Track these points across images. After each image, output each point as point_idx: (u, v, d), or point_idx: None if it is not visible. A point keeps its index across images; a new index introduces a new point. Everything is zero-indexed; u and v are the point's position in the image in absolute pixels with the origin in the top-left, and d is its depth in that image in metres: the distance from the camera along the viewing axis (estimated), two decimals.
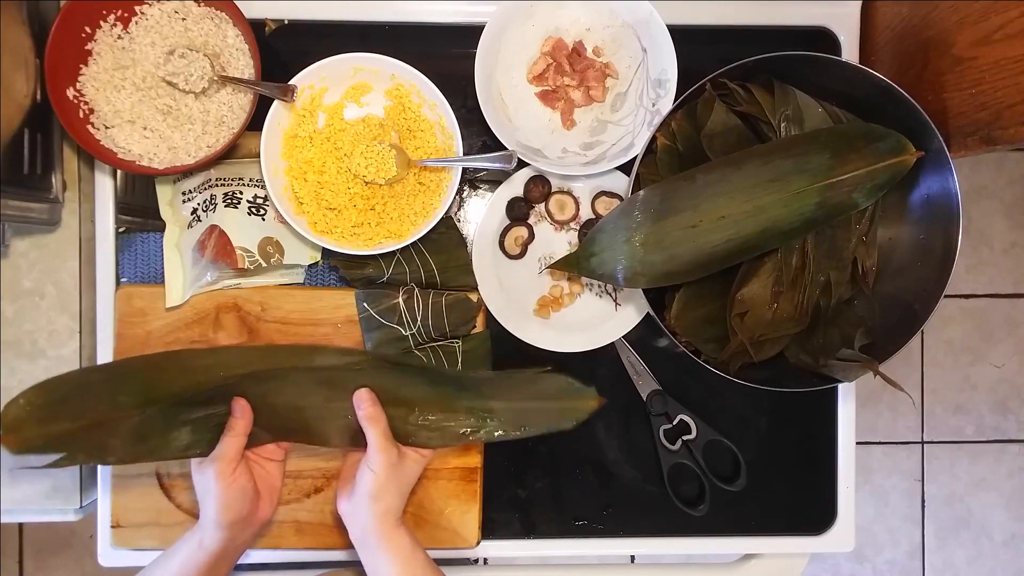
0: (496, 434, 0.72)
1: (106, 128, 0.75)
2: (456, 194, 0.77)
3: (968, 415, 1.78)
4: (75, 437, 0.66)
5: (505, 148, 0.76)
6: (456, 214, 0.84)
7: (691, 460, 0.83)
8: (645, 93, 0.80)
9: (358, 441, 0.71)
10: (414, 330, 0.78)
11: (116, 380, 0.69)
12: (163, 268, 0.80)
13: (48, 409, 0.66)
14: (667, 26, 0.76)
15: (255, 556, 0.81)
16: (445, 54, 0.82)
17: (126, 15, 0.75)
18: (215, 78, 0.75)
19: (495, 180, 0.83)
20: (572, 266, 0.75)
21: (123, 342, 0.79)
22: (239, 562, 0.81)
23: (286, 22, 0.81)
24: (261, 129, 0.75)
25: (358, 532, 0.69)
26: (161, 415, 0.68)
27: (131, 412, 0.67)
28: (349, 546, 0.79)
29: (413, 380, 0.73)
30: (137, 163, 0.75)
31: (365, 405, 0.70)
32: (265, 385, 0.71)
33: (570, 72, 0.81)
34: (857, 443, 0.87)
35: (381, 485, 0.68)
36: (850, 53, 0.85)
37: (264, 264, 0.77)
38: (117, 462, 0.68)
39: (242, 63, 0.77)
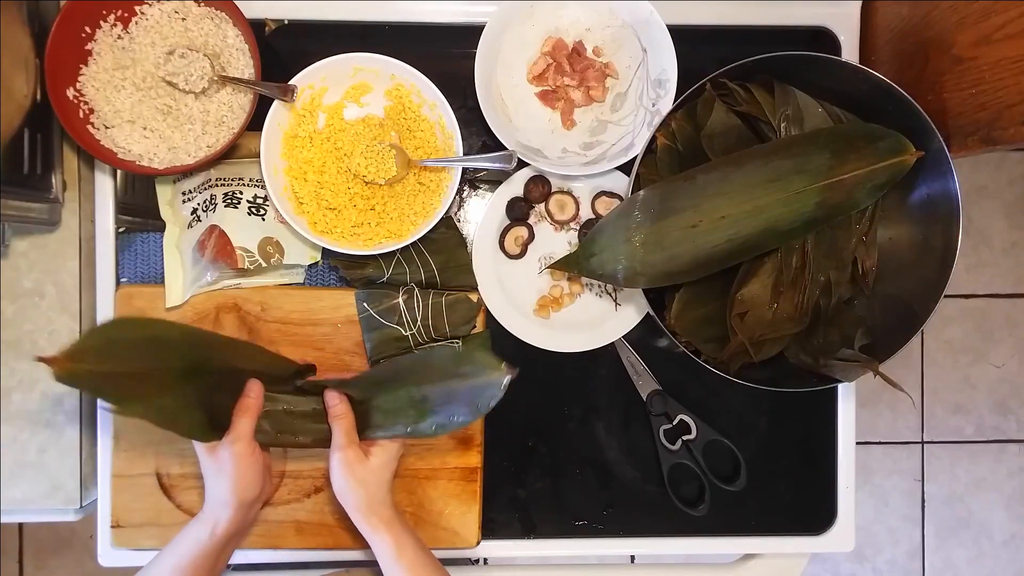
0: (433, 429, 0.71)
1: (106, 128, 0.75)
2: (456, 194, 0.77)
3: (968, 415, 1.78)
4: (116, 382, 0.63)
5: (505, 148, 0.76)
6: (456, 214, 0.84)
7: (691, 460, 0.83)
8: (645, 93, 0.80)
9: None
10: (414, 330, 0.78)
11: (180, 342, 0.67)
12: (163, 268, 0.80)
13: (112, 347, 0.63)
14: (667, 26, 0.76)
15: (255, 556, 0.81)
16: (445, 54, 0.82)
17: (126, 15, 0.75)
18: (215, 78, 0.75)
19: (495, 180, 0.83)
20: (572, 266, 0.75)
21: None
22: (239, 562, 0.81)
23: (286, 22, 0.81)
24: (261, 129, 0.75)
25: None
26: (192, 389, 0.67)
27: (171, 377, 0.66)
28: (349, 546, 0.80)
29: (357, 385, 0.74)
30: (137, 163, 0.75)
31: (333, 403, 0.72)
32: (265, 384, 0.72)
33: (570, 72, 0.81)
34: (857, 443, 0.87)
35: (343, 486, 0.69)
36: (850, 53, 0.85)
37: (264, 264, 0.77)
38: (140, 416, 0.65)
39: (242, 63, 0.77)
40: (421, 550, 0.70)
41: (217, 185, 0.78)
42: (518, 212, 0.82)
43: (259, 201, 0.78)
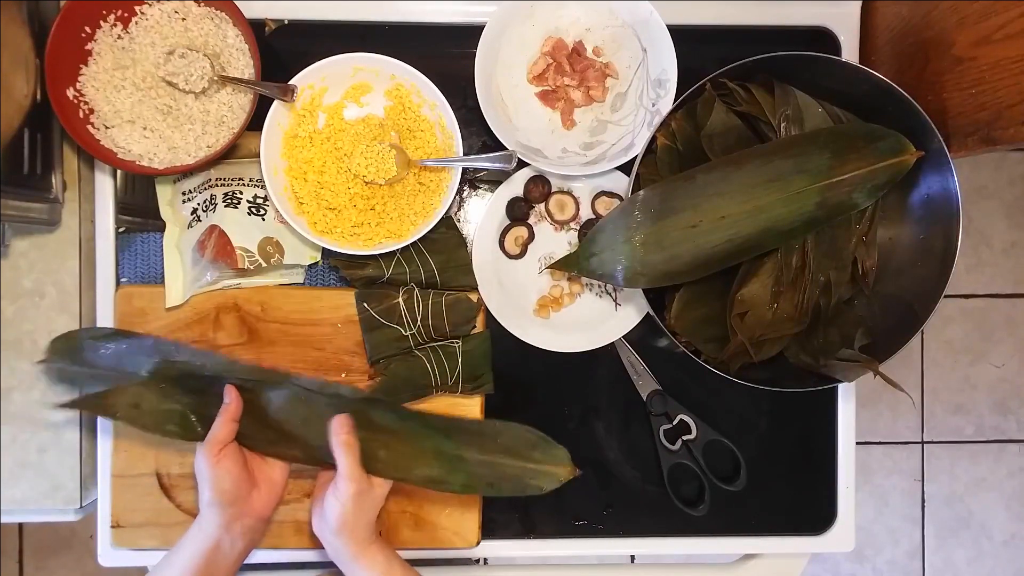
0: (460, 486, 0.72)
1: (106, 128, 0.75)
2: (456, 194, 0.77)
3: (968, 415, 1.78)
4: (89, 381, 0.73)
5: (505, 148, 0.76)
6: (456, 214, 0.84)
7: (691, 460, 0.83)
8: (645, 93, 0.80)
9: (329, 463, 0.71)
10: (414, 330, 0.78)
11: (134, 348, 0.74)
12: (163, 268, 0.80)
13: (82, 351, 0.74)
14: (667, 26, 0.76)
15: (255, 556, 0.81)
16: (445, 54, 0.82)
17: (126, 15, 0.75)
18: (215, 78, 0.75)
19: (495, 180, 0.83)
20: (572, 266, 0.75)
21: None
22: None
23: (286, 22, 0.81)
24: (261, 129, 0.75)
25: (331, 552, 0.71)
26: (157, 390, 0.71)
27: (136, 378, 0.72)
28: None
29: (383, 411, 0.73)
30: (137, 163, 0.75)
31: (343, 432, 0.69)
32: (255, 393, 0.72)
33: (570, 72, 0.81)
34: (857, 443, 0.87)
35: (348, 516, 0.68)
36: (850, 53, 0.85)
37: (264, 264, 0.77)
38: (111, 417, 0.73)
39: (242, 63, 0.77)
40: (407, 573, 0.71)
41: (217, 185, 0.78)
42: (518, 212, 0.82)
43: (259, 201, 0.78)
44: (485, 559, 0.89)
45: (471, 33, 0.76)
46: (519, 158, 0.77)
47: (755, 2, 0.84)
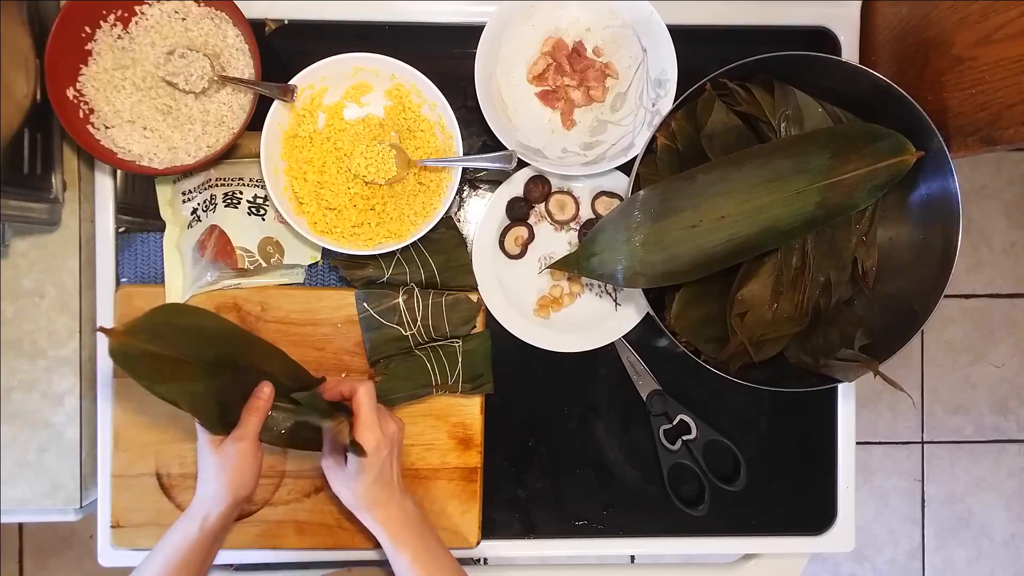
0: None
1: (106, 128, 0.75)
2: (456, 194, 0.77)
3: (968, 415, 1.78)
4: (158, 363, 0.64)
5: (505, 148, 0.76)
6: (456, 214, 0.84)
7: (691, 460, 0.83)
8: (645, 93, 0.80)
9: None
10: (414, 330, 0.78)
11: (216, 334, 0.69)
12: (163, 268, 0.80)
13: (161, 327, 0.65)
14: (667, 26, 0.76)
15: (255, 556, 0.81)
16: (445, 54, 0.82)
17: (126, 15, 0.75)
18: (215, 78, 0.75)
19: (495, 180, 0.83)
20: (572, 266, 0.75)
21: None
22: (239, 562, 0.81)
23: (286, 22, 0.81)
24: (261, 129, 0.75)
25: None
26: (216, 382, 0.67)
27: (202, 366, 0.67)
28: (349, 546, 0.80)
29: None
30: (137, 163, 0.75)
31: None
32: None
33: (570, 72, 0.81)
34: (857, 443, 0.87)
35: (331, 485, 0.72)
36: (850, 53, 0.85)
37: (264, 264, 0.77)
38: (169, 400, 0.64)
39: (242, 63, 0.77)
40: (424, 551, 0.70)
41: (217, 185, 0.78)
42: (518, 212, 0.82)
43: (259, 201, 0.78)
44: (485, 559, 0.89)
45: (471, 33, 0.76)
46: (519, 158, 0.77)
47: (755, 2, 0.84)
